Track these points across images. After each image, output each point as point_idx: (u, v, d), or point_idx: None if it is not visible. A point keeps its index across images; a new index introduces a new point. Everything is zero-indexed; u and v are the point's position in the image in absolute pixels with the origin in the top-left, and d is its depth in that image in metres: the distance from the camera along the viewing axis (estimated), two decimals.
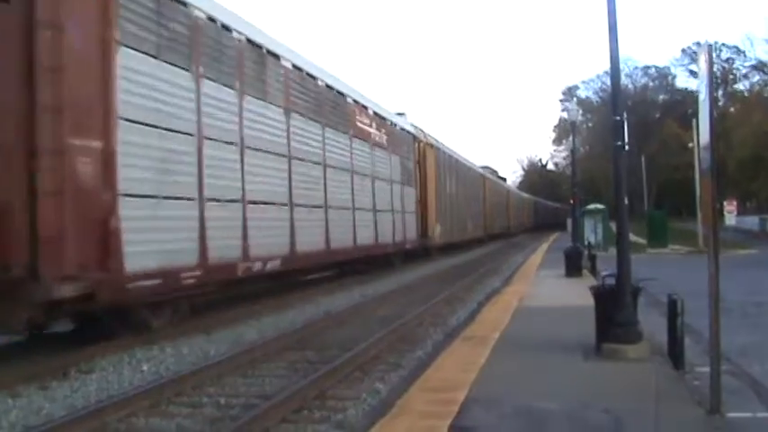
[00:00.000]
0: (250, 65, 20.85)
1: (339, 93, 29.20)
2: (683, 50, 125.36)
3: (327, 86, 27.57)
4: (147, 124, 15.75)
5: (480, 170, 74.48)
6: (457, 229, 55.28)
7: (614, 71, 13.35)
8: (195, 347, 15.49)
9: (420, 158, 44.65)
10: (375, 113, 34.95)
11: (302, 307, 22.11)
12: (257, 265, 20.57)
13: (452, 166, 56.07)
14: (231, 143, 19.48)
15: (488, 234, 73.78)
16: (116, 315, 15.60)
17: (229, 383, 12.33)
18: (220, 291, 20.52)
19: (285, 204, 22.88)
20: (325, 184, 26.77)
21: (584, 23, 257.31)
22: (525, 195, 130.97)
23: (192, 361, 14.20)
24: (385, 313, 20.66)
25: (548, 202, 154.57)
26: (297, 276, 27.32)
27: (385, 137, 36.35)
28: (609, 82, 25.44)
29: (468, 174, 64.03)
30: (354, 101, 31.58)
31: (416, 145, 44.12)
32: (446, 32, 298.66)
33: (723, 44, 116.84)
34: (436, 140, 51.24)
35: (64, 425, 9.56)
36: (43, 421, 10.13)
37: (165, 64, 16.65)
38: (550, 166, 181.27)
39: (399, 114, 41.84)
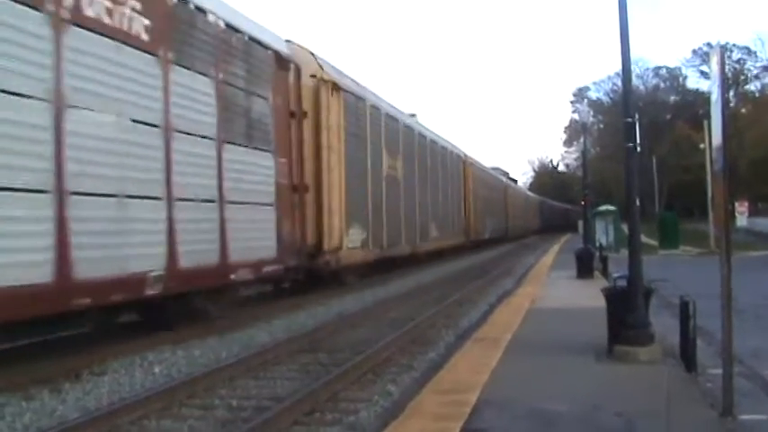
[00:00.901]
0: None
1: None
2: (694, 51, 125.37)
3: None
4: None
5: (461, 153, 55.16)
6: (405, 235, 36.44)
7: (625, 72, 13.33)
8: (207, 349, 15.50)
9: (296, 102, 23.93)
10: None
11: (314, 309, 22.11)
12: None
13: (395, 132, 35.53)
14: None
15: (474, 239, 57.61)
16: None
17: (241, 386, 12.35)
18: None
19: None
20: None
21: (594, 24, 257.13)
22: (530, 194, 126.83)
23: (204, 363, 14.21)
24: (397, 315, 20.67)
25: (555, 202, 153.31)
26: None
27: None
28: (620, 83, 25.37)
29: (432, 151, 44.04)
30: None
31: (288, 77, 23.36)
32: (457, 34, 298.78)
33: (734, 45, 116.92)
34: (355, 83, 31.05)
35: (76, 427, 9.58)
36: (56, 423, 10.14)
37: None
38: (561, 168, 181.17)
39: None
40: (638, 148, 13.04)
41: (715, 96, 9.37)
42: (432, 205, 43.20)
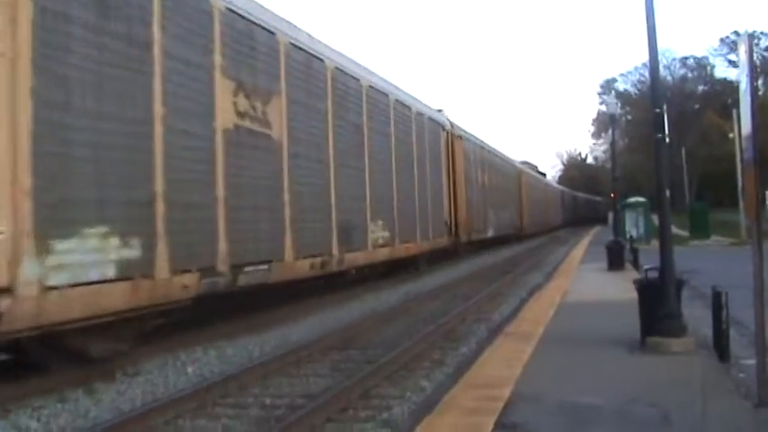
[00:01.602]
0: None
1: None
2: (722, 40, 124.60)
3: None
4: None
5: (444, 121, 40.20)
6: (265, 244, 18.22)
7: (653, 63, 13.29)
8: (239, 348, 15.54)
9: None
10: None
11: (346, 305, 22.14)
12: None
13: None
14: None
15: (470, 240, 43.59)
16: None
17: (274, 384, 12.38)
18: None
19: None
20: None
21: (621, 16, 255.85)
22: (551, 184, 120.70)
23: (237, 362, 14.25)
24: (428, 311, 20.67)
25: (581, 194, 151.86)
26: None
27: None
28: (647, 74, 25.25)
29: (379, 104, 28.11)
30: None
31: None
32: (483, 28, 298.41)
33: (762, 33, 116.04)
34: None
35: (111, 428, 9.64)
36: (91, 424, 10.22)
37: None
38: (590, 160, 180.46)
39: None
40: (667, 139, 13.00)
41: (744, 85, 9.32)
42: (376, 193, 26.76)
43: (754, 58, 9.70)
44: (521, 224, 67.67)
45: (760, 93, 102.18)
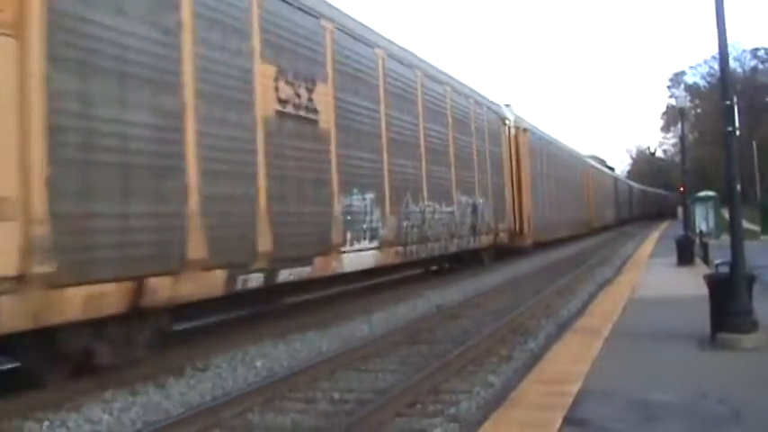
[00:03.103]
0: None
1: None
2: None
3: None
4: None
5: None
6: None
7: (722, 55, 13.13)
8: (308, 344, 15.65)
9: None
10: None
11: (413, 301, 22.21)
12: None
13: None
14: None
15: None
16: None
17: (342, 378, 12.46)
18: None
19: None
20: None
21: (690, 7, 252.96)
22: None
23: (305, 357, 14.36)
24: (496, 306, 20.65)
25: (647, 188, 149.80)
26: None
27: None
28: (717, 66, 24.93)
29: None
30: None
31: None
32: (551, 22, 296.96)
33: None
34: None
35: (182, 421, 9.76)
36: (162, 417, 10.37)
37: None
38: (659, 154, 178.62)
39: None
40: (738, 132, 12.84)
41: None
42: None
43: None
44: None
45: None
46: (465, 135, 31.85)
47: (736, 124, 12.71)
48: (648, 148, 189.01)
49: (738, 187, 13.11)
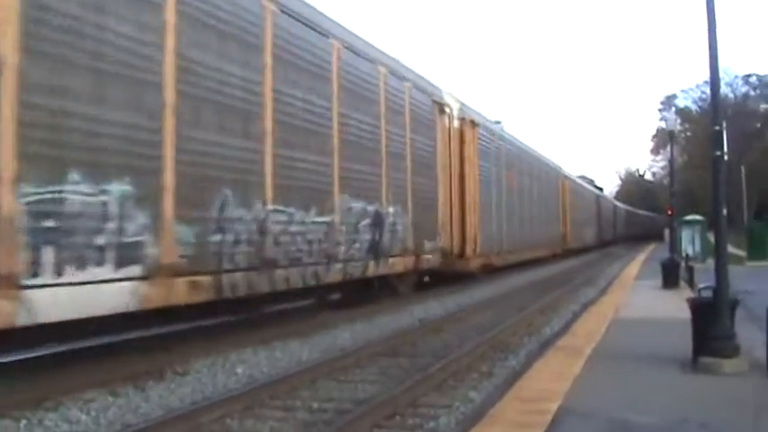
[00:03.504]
0: None
1: None
2: None
3: None
4: None
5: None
6: None
7: (714, 80, 13.17)
8: (289, 352, 15.63)
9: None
10: None
11: (396, 314, 22.18)
12: None
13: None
14: None
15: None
16: None
17: (322, 388, 12.42)
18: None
19: None
20: None
21: (682, 32, 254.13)
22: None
23: (286, 365, 14.34)
24: (478, 322, 20.64)
25: (634, 209, 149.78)
26: None
27: None
28: (708, 91, 25.02)
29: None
30: None
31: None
32: (543, 42, 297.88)
33: None
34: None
35: (160, 424, 9.72)
36: (140, 420, 10.33)
37: None
38: (648, 176, 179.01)
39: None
40: (726, 157, 12.86)
41: None
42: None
43: None
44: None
45: None
46: (362, 113, 22.71)
47: (725, 149, 12.74)
48: (638, 170, 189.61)
49: (725, 212, 13.13)
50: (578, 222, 69.93)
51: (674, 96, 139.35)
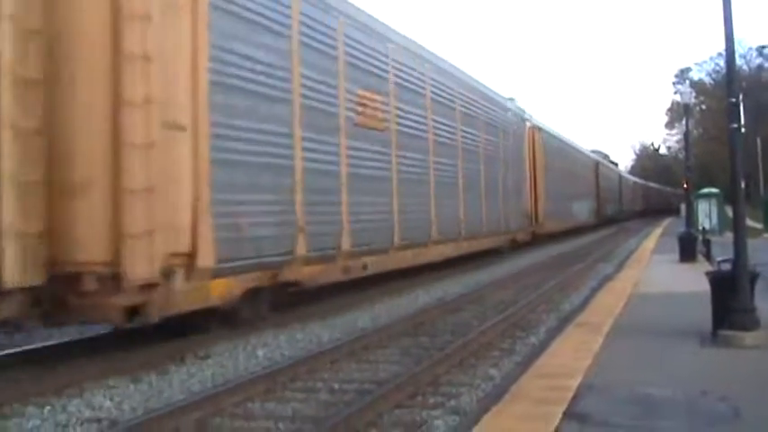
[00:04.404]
0: None
1: None
2: None
3: None
4: None
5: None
6: None
7: (729, 52, 13.11)
8: (309, 333, 15.66)
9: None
10: None
11: (415, 293, 22.21)
12: None
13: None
14: None
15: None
16: None
17: (343, 369, 12.46)
18: None
19: None
20: None
21: (696, 3, 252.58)
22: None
23: (306, 347, 14.36)
24: (497, 299, 20.65)
25: (650, 184, 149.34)
26: None
27: None
28: (723, 63, 24.90)
29: None
30: None
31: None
32: (557, 16, 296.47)
33: None
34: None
35: (183, 408, 9.77)
36: (163, 404, 10.38)
37: None
38: (663, 151, 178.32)
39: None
40: (743, 129, 12.82)
41: None
42: None
43: None
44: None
45: None
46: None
47: (742, 121, 12.70)
48: (652, 144, 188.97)
49: (742, 185, 13.11)
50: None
51: (689, 69, 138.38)
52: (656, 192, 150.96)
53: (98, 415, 10.12)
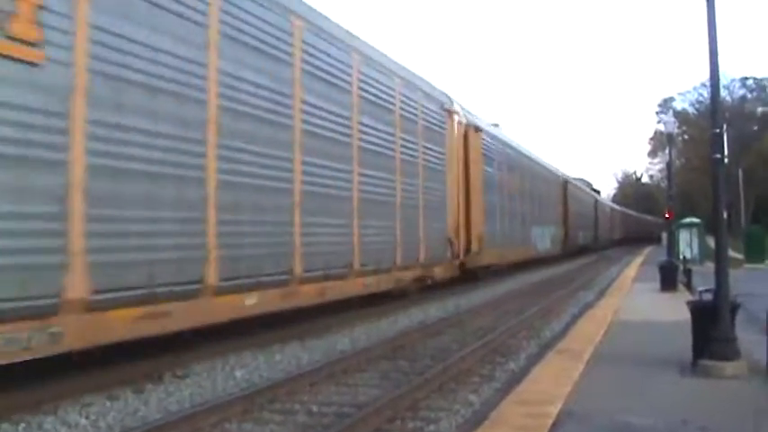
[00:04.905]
0: None
1: None
2: None
3: None
4: None
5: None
6: None
7: (714, 83, 13.17)
8: (288, 355, 15.61)
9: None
10: None
11: (395, 316, 22.17)
12: None
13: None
14: None
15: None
16: None
17: (322, 391, 12.40)
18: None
19: None
20: None
21: (679, 34, 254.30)
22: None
23: (286, 368, 14.31)
24: (478, 324, 20.63)
25: (631, 212, 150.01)
26: None
27: None
28: (706, 94, 25.04)
29: None
30: None
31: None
32: (542, 44, 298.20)
33: None
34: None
35: (159, 428, 9.70)
36: (139, 423, 10.31)
37: None
38: (645, 179, 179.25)
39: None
40: (726, 160, 12.87)
41: None
42: None
43: None
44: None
45: None
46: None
47: (725, 152, 12.75)
48: (635, 172, 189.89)
49: (725, 214, 13.14)
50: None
51: (672, 99, 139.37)
52: (637, 220, 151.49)
53: None
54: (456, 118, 31.85)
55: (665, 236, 54.24)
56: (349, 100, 21.02)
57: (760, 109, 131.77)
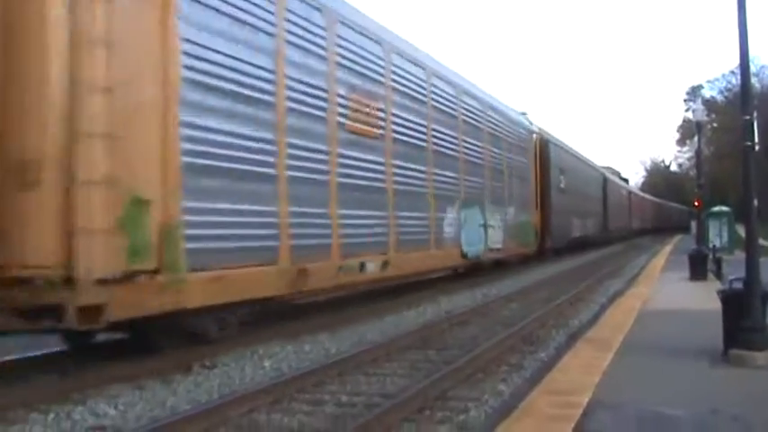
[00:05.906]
0: None
1: None
2: None
3: None
4: None
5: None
6: None
7: (744, 69, 13.05)
8: (317, 345, 15.59)
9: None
10: None
11: (424, 307, 22.13)
12: None
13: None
14: None
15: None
16: None
17: (351, 381, 12.36)
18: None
19: None
20: None
21: (708, 21, 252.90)
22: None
23: (314, 358, 14.29)
24: (507, 314, 20.58)
25: (660, 200, 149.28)
26: None
27: None
28: (735, 81, 24.87)
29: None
30: None
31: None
32: (570, 32, 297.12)
33: None
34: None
35: (188, 418, 9.69)
36: (167, 414, 10.32)
37: None
38: (674, 168, 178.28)
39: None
40: (756, 147, 12.75)
41: None
42: None
43: None
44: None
45: None
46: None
47: (755, 139, 12.63)
48: (663, 161, 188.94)
49: (755, 202, 13.03)
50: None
51: (700, 87, 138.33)
52: (666, 209, 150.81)
53: (102, 422, 10.07)
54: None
55: (694, 225, 53.88)
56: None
57: None
